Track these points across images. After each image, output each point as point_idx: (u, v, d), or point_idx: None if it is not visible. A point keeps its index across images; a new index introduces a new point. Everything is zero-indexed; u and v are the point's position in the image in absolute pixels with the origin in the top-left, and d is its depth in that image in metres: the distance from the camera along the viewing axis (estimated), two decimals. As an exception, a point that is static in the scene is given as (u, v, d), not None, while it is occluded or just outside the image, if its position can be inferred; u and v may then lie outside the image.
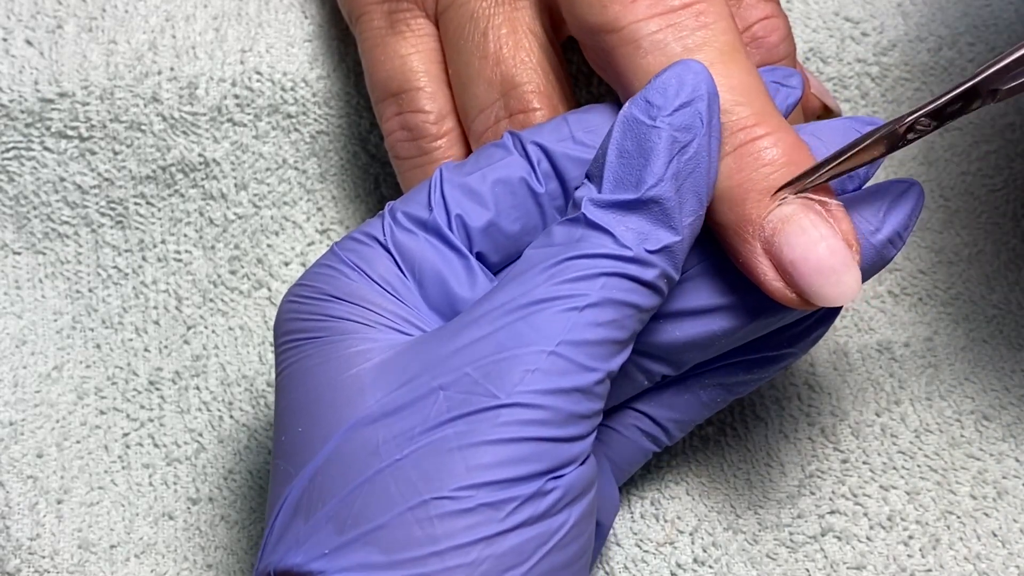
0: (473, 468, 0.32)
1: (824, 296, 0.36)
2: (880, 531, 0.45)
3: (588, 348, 0.34)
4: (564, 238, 0.35)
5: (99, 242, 0.49)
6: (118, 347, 0.48)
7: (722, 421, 0.47)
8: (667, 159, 0.35)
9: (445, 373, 0.34)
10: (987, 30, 0.51)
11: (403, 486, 0.32)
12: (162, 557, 0.45)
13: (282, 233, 0.49)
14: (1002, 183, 0.51)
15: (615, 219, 0.35)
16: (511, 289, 0.35)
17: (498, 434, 0.33)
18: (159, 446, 0.47)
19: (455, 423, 0.33)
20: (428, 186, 0.38)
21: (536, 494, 0.33)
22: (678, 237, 0.35)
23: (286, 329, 0.37)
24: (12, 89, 0.47)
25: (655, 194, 0.35)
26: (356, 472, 0.33)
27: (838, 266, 0.35)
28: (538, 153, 0.38)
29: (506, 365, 0.33)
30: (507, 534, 0.32)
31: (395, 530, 0.32)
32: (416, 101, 0.43)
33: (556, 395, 0.33)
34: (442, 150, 0.43)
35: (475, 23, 0.42)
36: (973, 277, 0.50)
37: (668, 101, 0.35)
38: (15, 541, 0.44)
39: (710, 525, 0.45)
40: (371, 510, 0.33)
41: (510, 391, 0.33)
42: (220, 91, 0.48)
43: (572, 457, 0.34)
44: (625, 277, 0.34)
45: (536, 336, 0.33)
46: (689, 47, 0.37)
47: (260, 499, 0.46)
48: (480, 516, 0.32)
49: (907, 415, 0.47)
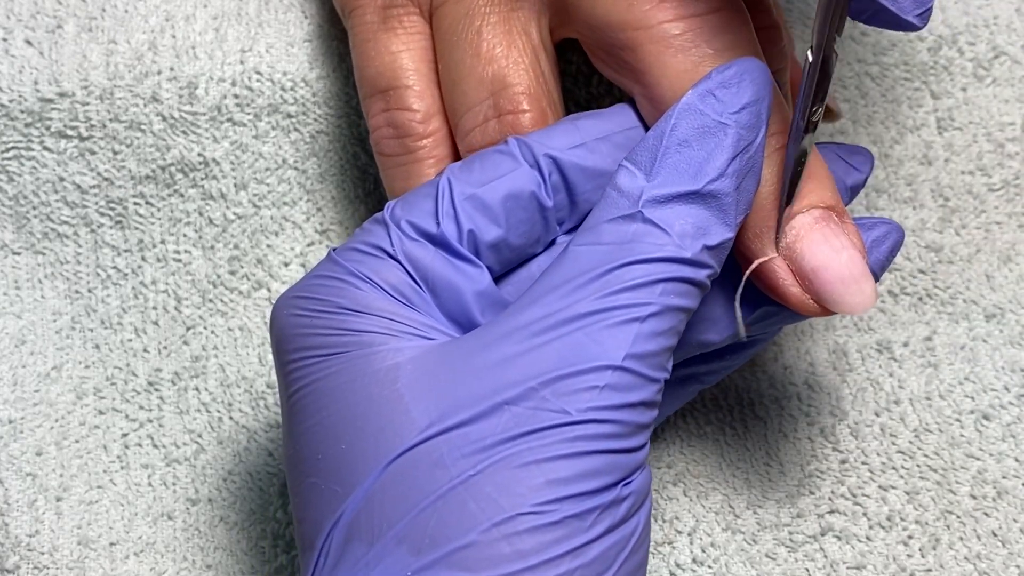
0: (553, 482, 0.32)
1: (845, 304, 0.36)
2: (880, 531, 0.45)
3: (651, 359, 0.34)
4: (616, 237, 0.35)
5: (99, 242, 0.49)
6: (117, 347, 0.48)
7: (721, 420, 0.47)
8: (731, 155, 0.35)
9: (508, 387, 0.33)
10: (987, 30, 0.51)
11: (483, 502, 0.32)
12: (161, 556, 0.45)
13: (282, 233, 0.49)
14: (1002, 183, 0.51)
15: (671, 213, 0.35)
16: (562, 294, 0.34)
17: (572, 448, 0.33)
18: (158, 447, 0.47)
19: (526, 439, 0.33)
20: (435, 193, 0.37)
21: (614, 502, 0.33)
22: (732, 234, 0.35)
23: (297, 345, 0.36)
24: (12, 89, 0.47)
25: (716, 188, 0.35)
26: (424, 489, 0.33)
27: (858, 276, 0.36)
28: (550, 165, 0.38)
29: (573, 381, 0.33)
30: (593, 543, 0.33)
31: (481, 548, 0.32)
32: (404, 99, 0.43)
33: (624, 409, 0.33)
34: (427, 149, 0.43)
35: (469, 20, 0.42)
36: (973, 277, 0.50)
37: (734, 98, 0.35)
38: (14, 538, 0.44)
39: (708, 526, 0.45)
40: (450, 529, 0.32)
41: (581, 408, 0.33)
42: (220, 91, 0.48)
43: (638, 464, 0.34)
44: (682, 281, 0.34)
45: (600, 351, 0.33)
46: (719, 49, 0.37)
47: (260, 500, 0.46)
48: (567, 528, 0.32)
49: (906, 415, 0.47)
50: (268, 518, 0.45)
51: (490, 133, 0.41)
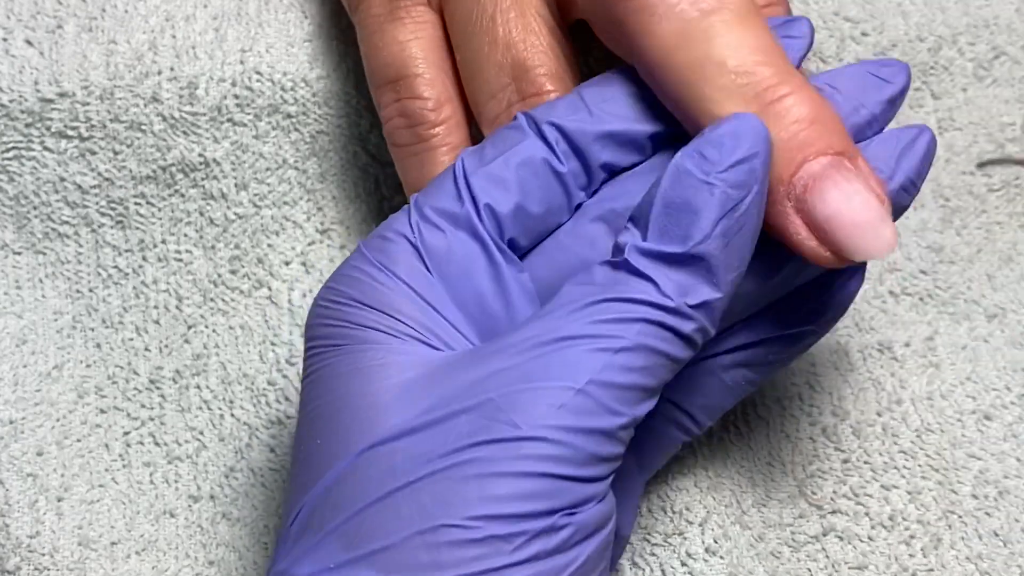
0: (487, 498, 0.32)
1: (863, 250, 0.35)
2: (882, 531, 0.44)
3: (616, 391, 0.33)
4: (605, 279, 0.34)
5: (99, 242, 0.48)
6: (118, 346, 0.48)
7: (724, 419, 0.47)
8: (717, 216, 0.34)
9: (469, 397, 0.33)
10: (987, 30, 0.51)
11: (415, 509, 0.32)
12: (163, 554, 0.45)
13: (282, 233, 0.49)
14: (1002, 183, 0.51)
15: (657, 269, 0.34)
16: (545, 321, 0.34)
17: (516, 467, 0.32)
18: (160, 444, 0.47)
19: (474, 449, 0.32)
20: (452, 176, 0.37)
21: (548, 529, 0.32)
22: (719, 294, 0.35)
23: (314, 334, 0.37)
24: (12, 89, 0.47)
25: (701, 250, 0.34)
26: (370, 490, 0.33)
27: (874, 219, 0.35)
28: (554, 133, 0.38)
29: (531, 397, 0.33)
30: (515, 567, 0.32)
31: (400, 552, 0.32)
32: (414, 88, 0.43)
33: (579, 434, 0.33)
34: (440, 137, 0.43)
35: (482, 8, 0.42)
36: (973, 277, 0.50)
37: (723, 156, 0.34)
38: (15, 539, 0.44)
39: (720, 518, 0.44)
40: (380, 530, 0.32)
41: (533, 424, 0.32)
42: (220, 91, 0.48)
43: (588, 496, 0.33)
44: (662, 326, 0.34)
45: (565, 372, 0.33)
46: (705, 10, 0.37)
47: (262, 497, 0.46)
48: (488, 547, 0.32)
49: (908, 415, 0.47)
50: (270, 514, 0.45)
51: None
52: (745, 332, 0.40)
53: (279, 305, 0.48)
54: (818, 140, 0.36)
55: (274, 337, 0.48)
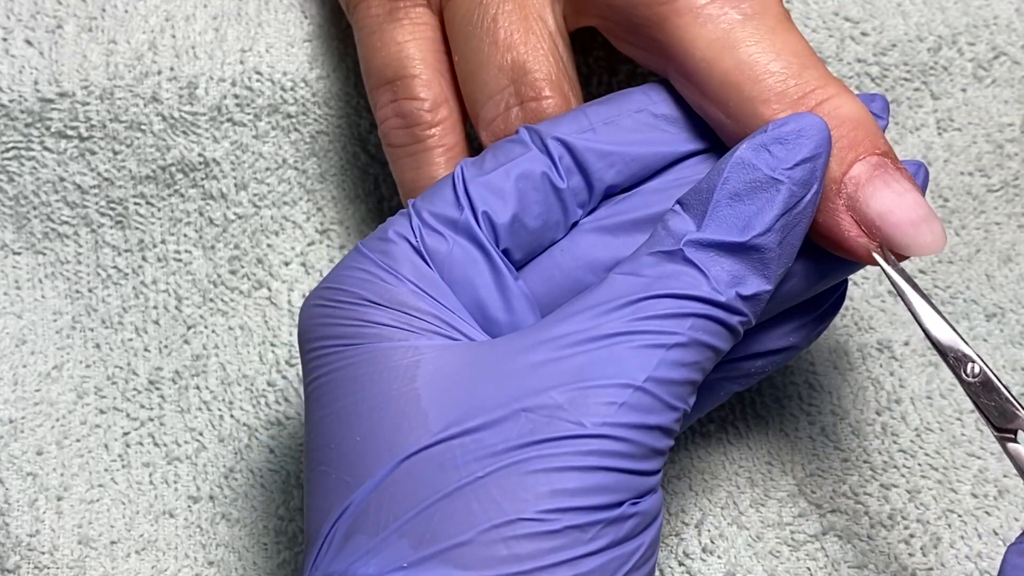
0: (559, 492, 0.32)
1: (919, 245, 0.36)
2: (881, 530, 0.45)
3: (672, 387, 0.34)
4: (655, 271, 0.35)
5: (99, 242, 0.49)
6: (118, 347, 0.48)
7: (723, 419, 0.47)
8: (781, 211, 0.35)
9: (527, 395, 0.33)
10: (987, 30, 0.51)
11: (486, 504, 0.32)
12: (163, 554, 0.45)
13: (282, 233, 0.49)
14: (1001, 184, 0.51)
15: (711, 259, 0.35)
16: (593, 314, 0.34)
17: (584, 461, 0.33)
18: (159, 445, 0.47)
19: (539, 446, 0.33)
20: (451, 183, 0.38)
21: (618, 519, 0.33)
22: (769, 287, 0.35)
23: (318, 334, 0.37)
24: (12, 89, 0.47)
25: (760, 242, 0.35)
26: (432, 488, 0.33)
27: (927, 215, 0.36)
28: (559, 148, 0.38)
29: (592, 395, 0.33)
30: (590, 556, 0.33)
31: (478, 548, 0.32)
32: (411, 88, 0.43)
33: (640, 430, 0.33)
34: (436, 138, 0.43)
35: (484, 9, 0.42)
36: (972, 276, 0.50)
37: (790, 154, 0.35)
38: (14, 538, 0.44)
39: (716, 519, 0.45)
40: (451, 526, 0.32)
41: (596, 422, 0.33)
42: (220, 91, 0.48)
43: (649, 487, 0.34)
44: (713, 320, 0.35)
45: (622, 370, 0.33)
46: (748, 13, 0.37)
47: (261, 497, 0.46)
48: (566, 538, 0.32)
49: (907, 414, 0.47)
50: (270, 515, 0.45)
51: (513, 121, 0.41)
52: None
53: (279, 306, 0.48)
54: (865, 140, 0.37)
55: (274, 338, 0.48)
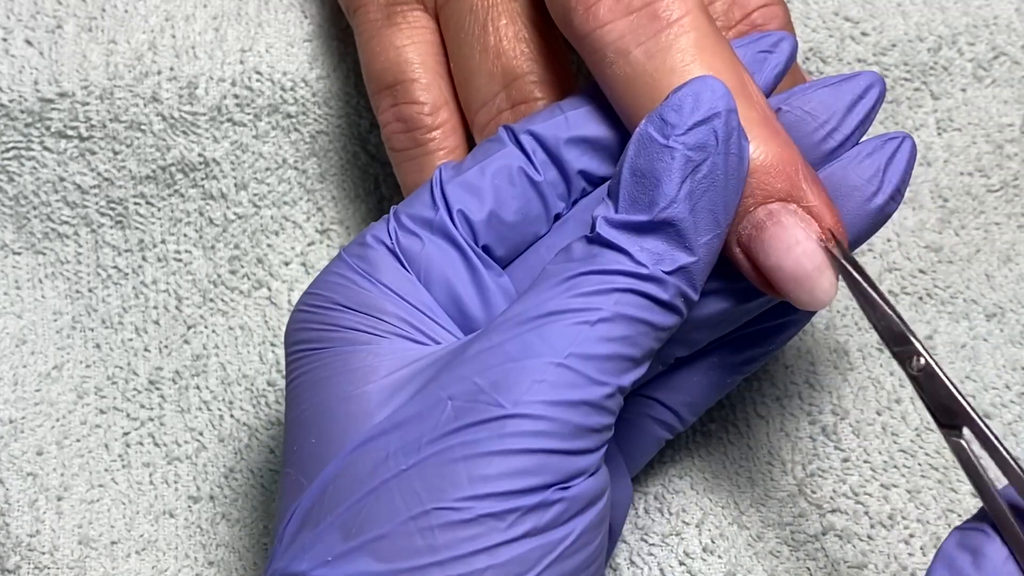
0: (476, 479, 0.32)
1: (800, 303, 0.36)
2: (881, 530, 0.44)
3: (598, 362, 0.33)
4: (581, 254, 0.35)
5: (99, 242, 0.49)
6: (118, 347, 0.48)
7: (724, 419, 0.47)
8: (680, 179, 0.34)
9: (453, 383, 0.33)
10: (987, 30, 0.51)
11: (407, 496, 0.33)
12: (163, 554, 0.45)
13: (282, 233, 0.49)
14: (1001, 184, 0.51)
15: (630, 239, 0.34)
16: (525, 301, 0.34)
17: (503, 445, 0.32)
18: (159, 445, 0.47)
19: (461, 433, 0.33)
20: (429, 186, 0.38)
21: (540, 505, 0.33)
22: (694, 258, 0.34)
23: (296, 339, 0.37)
24: (12, 89, 0.47)
25: (668, 215, 0.34)
26: (364, 482, 0.33)
27: (811, 272, 0.35)
28: (532, 143, 0.38)
29: (513, 375, 0.33)
30: (510, 544, 0.32)
31: (396, 539, 0.32)
32: (411, 92, 0.43)
33: (563, 407, 0.33)
34: (437, 141, 0.43)
35: (475, 16, 0.42)
36: (972, 276, 0.50)
37: (683, 119, 0.34)
38: (15, 538, 0.44)
39: (716, 518, 0.45)
40: (375, 519, 0.33)
41: (516, 401, 0.33)
42: (220, 91, 0.48)
43: (580, 469, 0.33)
44: (640, 294, 0.34)
45: (545, 347, 0.33)
46: (652, 52, 0.36)
47: (261, 497, 0.46)
48: (482, 527, 0.32)
49: (908, 413, 0.47)
50: (270, 515, 0.45)
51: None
52: (732, 331, 0.41)
53: (279, 305, 0.48)
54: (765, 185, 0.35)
55: (274, 338, 0.48)
